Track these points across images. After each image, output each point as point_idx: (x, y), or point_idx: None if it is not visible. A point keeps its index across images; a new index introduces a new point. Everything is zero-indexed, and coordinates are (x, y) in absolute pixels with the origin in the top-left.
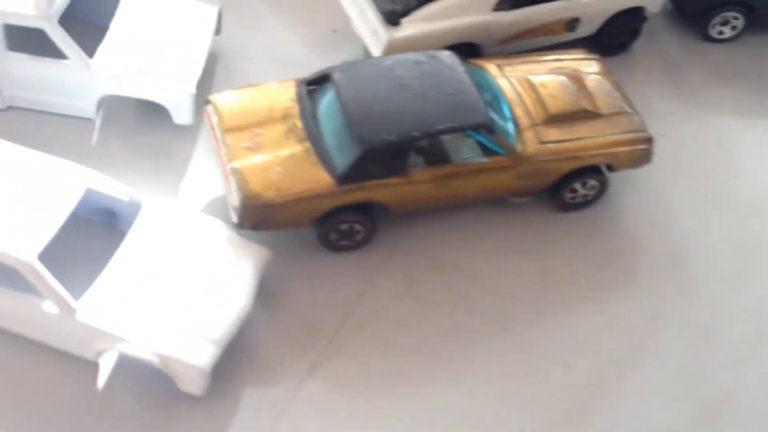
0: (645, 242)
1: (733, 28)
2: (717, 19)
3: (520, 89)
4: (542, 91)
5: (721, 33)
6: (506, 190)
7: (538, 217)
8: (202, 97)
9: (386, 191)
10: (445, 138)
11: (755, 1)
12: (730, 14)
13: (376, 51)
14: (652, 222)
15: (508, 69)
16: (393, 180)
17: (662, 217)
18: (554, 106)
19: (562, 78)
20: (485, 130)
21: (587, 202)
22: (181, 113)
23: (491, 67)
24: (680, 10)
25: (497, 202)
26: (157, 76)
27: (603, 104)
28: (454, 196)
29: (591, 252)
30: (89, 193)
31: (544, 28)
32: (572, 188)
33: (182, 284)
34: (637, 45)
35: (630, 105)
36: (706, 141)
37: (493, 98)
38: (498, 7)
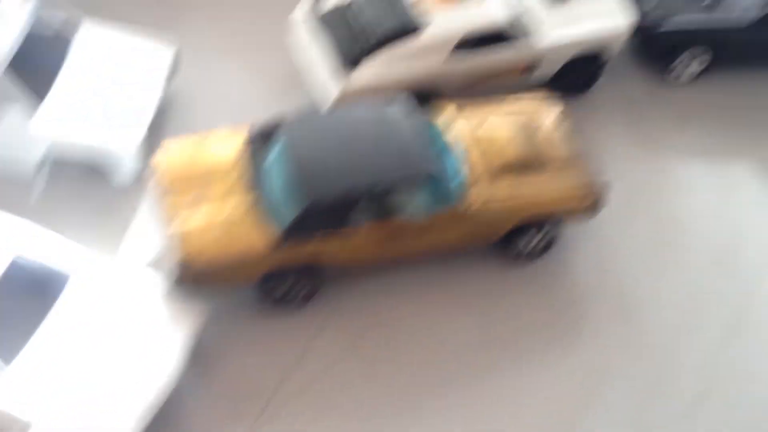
0: (594, 293)
1: (697, 67)
2: (680, 59)
3: (471, 139)
4: (494, 142)
5: (684, 73)
6: (454, 244)
7: (485, 271)
8: (152, 144)
9: (329, 249)
10: (391, 192)
11: (718, 40)
12: (694, 54)
13: (330, 98)
14: (602, 271)
15: (461, 117)
16: (337, 237)
17: (613, 266)
18: (505, 157)
19: (516, 126)
20: (432, 184)
21: (537, 254)
22: (125, 169)
23: (444, 116)
24: (644, 49)
25: (443, 255)
26: (101, 129)
27: (557, 153)
28: (400, 252)
29: (539, 304)
30: (16, 263)
31: (502, 73)
32: (522, 240)
33: (107, 356)
34: (600, 85)
35: (585, 152)
36: (664, 185)
37: (443, 150)
38: (455, 53)
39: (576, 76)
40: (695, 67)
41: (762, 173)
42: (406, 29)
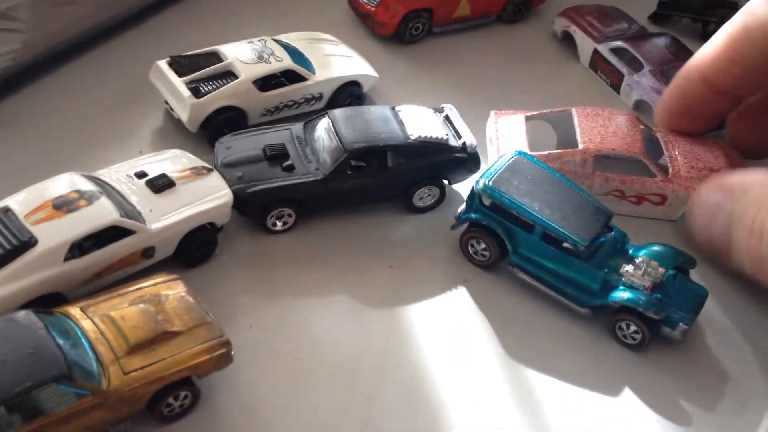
0: None
1: (288, 220)
2: (272, 215)
3: (102, 327)
4: (123, 324)
5: (278, 225)
6: (103, 424)
7: None
8: None
9: None
10: (28, 397)
11: (297, 198)
12: (282, 210)
13: None
14: (247, 413)
15: (91, 309)
16: None
17: (258, 406)
18: (135, 336)
19: (142, 306)
20: (66, 379)
21: (186, 411)
22: None
23: (74, 312)
24: (243, 212)
25: None
26: None
27: (182, 321)
28: None
29: None
30: None
31: (123, 263)
32: (167, 403)
33: None
34: (221, 250)
35: (209, 315)
36: (290, 324)
37: (76, 342)
38: (68, 257)
39: (196, 247)
40: (287, 219)
41: (361, 297)
42: (19, 247)
